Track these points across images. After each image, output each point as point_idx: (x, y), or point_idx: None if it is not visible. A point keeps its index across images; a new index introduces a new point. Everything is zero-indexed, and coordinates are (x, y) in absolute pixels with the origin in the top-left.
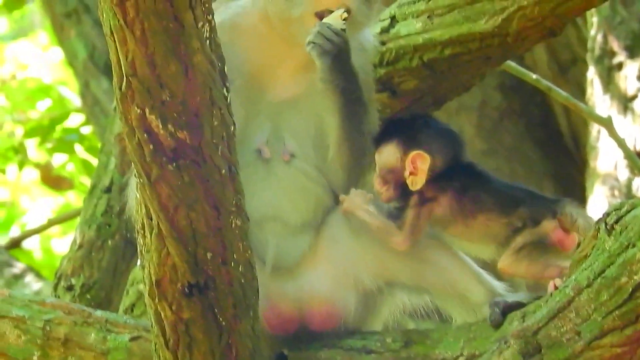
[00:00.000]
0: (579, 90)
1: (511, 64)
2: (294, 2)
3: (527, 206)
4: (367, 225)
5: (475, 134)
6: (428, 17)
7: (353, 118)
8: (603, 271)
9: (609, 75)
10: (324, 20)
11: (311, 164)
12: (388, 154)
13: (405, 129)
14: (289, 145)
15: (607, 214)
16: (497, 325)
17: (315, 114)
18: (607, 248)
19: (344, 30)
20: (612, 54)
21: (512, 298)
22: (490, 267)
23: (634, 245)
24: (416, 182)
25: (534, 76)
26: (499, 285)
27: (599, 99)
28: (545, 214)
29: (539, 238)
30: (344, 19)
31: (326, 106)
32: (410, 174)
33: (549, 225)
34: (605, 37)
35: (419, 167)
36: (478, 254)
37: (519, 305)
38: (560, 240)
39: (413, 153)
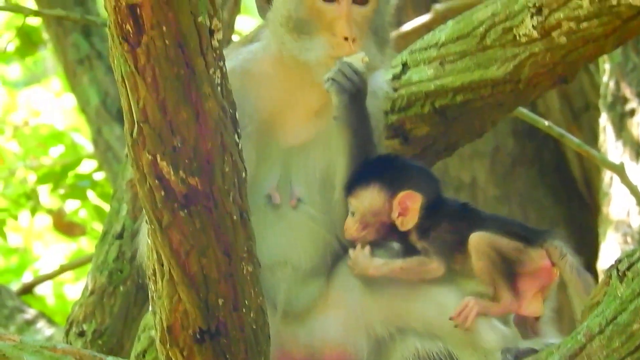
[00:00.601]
0: (592, 136)
1: (524, 110)
2: (310, 47)
3: (517, 234)
4: (396, 273)
5: (488, 180)
6: (440, 63)
7: (361, 159)
8: (615, 318)
9: (621, 122)
10: (345, 59)
11: (318, 209)
12: (372, 198)
13: (384, 170)
14: (296, 190)
15: (619, 261)
16: None
17: (323, 159)
18: (619, 295)
19: (363, 72)
20: (625, 100)
21: (524, 345)
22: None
23: None
24: (407, 223)
25: (547, 123)
26: (510, 332)
27: (611, 146)
28: (534, 242)
29: (522, 258)
30: (363, 61)
31: (336, 146)
32: (399, 215)
33: (538, 252)
34: (617, 84)
35: (409, 207)
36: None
37: (531, 352)
38: (544, 269)
39: (402, 194)
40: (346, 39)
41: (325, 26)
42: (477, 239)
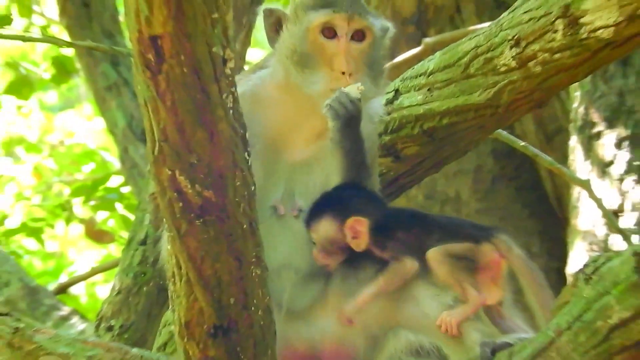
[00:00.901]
0: (563, 156)
1: (502, 132)
2: (312, 80)
3: (467, 231)
4: (382, 290)
5: (470, 195)
6: (428, 90)
7: (353, 177)
8: (581, 316)
9: (589, 143)
10: (343, 89)
11: None
12: (326, 228)
13: (333, 202)
14: (299, 202)
15: (585, 266)
16: None
17: (322, 175)
18: (585, 295)
19: (359, 100)
20: (593, 124)
21: (500, 339)
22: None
23: (608, 293)
24: (360, 244)
25: (523, 144)
26: (488, 328)
27: (580, 164)
28: (484, 238)
29: (475, 255)
30: (359, 90)
31: (332, 166)
32: (353, 238)
33: (486, 247)
34: (586, 110)
35: (359, 230)
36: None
37: (506, 345)
38: (494, 261)
39: (350, 221)
40: (343, 73)
41: (326, 61)
42: (433, 254)
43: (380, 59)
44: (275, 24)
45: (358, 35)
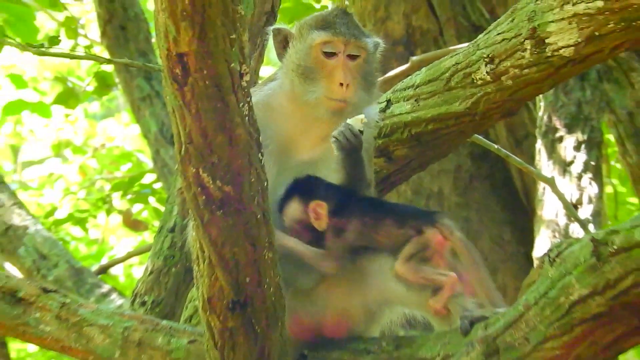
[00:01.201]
0: (530, 157)
1: (479, 137)
2: (313, 90)
3: (414, 218)
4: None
5: (451, 191)
6: (415, 100)
7: (352, 186)
8: (546, 293)
9: (552, 146)
10: (348, 121)
11: None
12: (293, 210)
13: (299, 189)
14: None
15: (550, 250)
16: (465, 333)
17: (326, 172)
18: (550, 276)
19: (361, 132)
20: (555, 130)
21: (477, 313)
22: None
23: (570, 274)
24: (321, 224)
25: (496, 146)
26: (468, 302)
27: (544, 164)
28: (428, 223)
29: (423, 246)
30: (362, 122)
31: (334, 165)
32: (315, 219)
33: (430, 233)
34: (550, 118)
35: (319, 212)
36: None
37: (482, 318)
38: (439, 243)
39: (312, 203)
40: (341, 84)
41: (326, 74)
42: (399, 268)
43: (373, 71)
44: (283, 41)
45: (354, 52)
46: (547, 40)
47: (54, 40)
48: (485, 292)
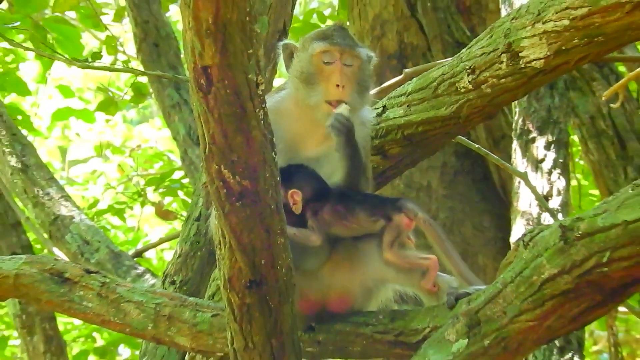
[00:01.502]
0: (507, 155)
1: (462, 137)
2: (311, 94)
3: (381, 206)
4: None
5: (438, 184)
6: (407, 106)
7: (353, 173)
8: (521, 272)
9: (526, 146)
10: (335, 111)
11: None
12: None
13: (285, 177)
14: None
15: (524, 235)
16: (451, 307)
17: (329, 167)
18: (524, 257)
19: (349, 117)
20: (528, 132)
21: (461, 289)
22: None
23: (541, 256)
24: (297, 209)
25: (477, 146)
26: (453, 280)
27: (519, 161)
28: (395, 210)
29: (397, 231)
30: (347, 109)
31: (338, 166)
32: (293, 204)
33: (398, 218)
34: (524, 121)
35: (295, 199)
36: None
37: (466, 294)
38: (407, 225)
39: (290, 191)
40: (337, 85)
41: (324, 78)
42: (387, 255)
43: (366, 78)
44: (290, 55)
45: (349, 61)
46: (520, 54)
47: (96, 55)
48: (453, 263)
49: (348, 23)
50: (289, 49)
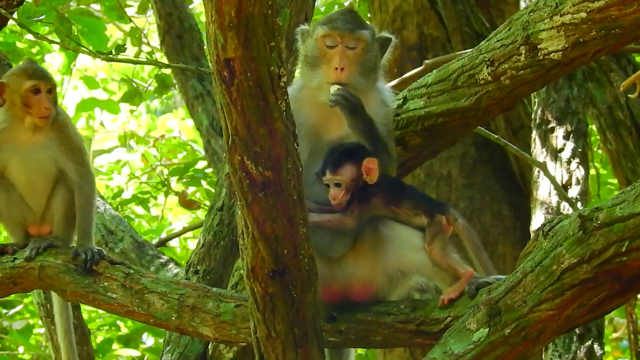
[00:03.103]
0: (526, 146)
1: (481, 128)
2: (315, 76)
3: (426, 204)
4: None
5: (458, 174)
6: (427, 97)
7: (371, 148)
8: (541, 262)
9: (545, 136)
10: (332, 88)
11: None
12: (349, 169)
13: (348, 152)
14: None
15: (544, 225)
16: (472, 296)
17: None
18: (544, 247)
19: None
20: (547, 122)
21: (482, 279)
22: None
23: (560, 245)
24: (373, 178)
25: (496, 136)
26: (475, 272)
27: (538, 151)
28: (438, 211)
29: (438, 230)
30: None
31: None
32: (367, 174)
33: (440, 218)
34: (542, 111)
35: (371, 167)
36: None
37: (486, 284)
38: (446, 227)
39: (365, 161)
40: (336, 68)
41: (326, 61)
42: (428, 251)
43: (373, 59)
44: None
45: (351, 44)
46: (539, 46)
47: (121, 47)
48: (483, 265)
49: (369, 15)
50: (304, 34)
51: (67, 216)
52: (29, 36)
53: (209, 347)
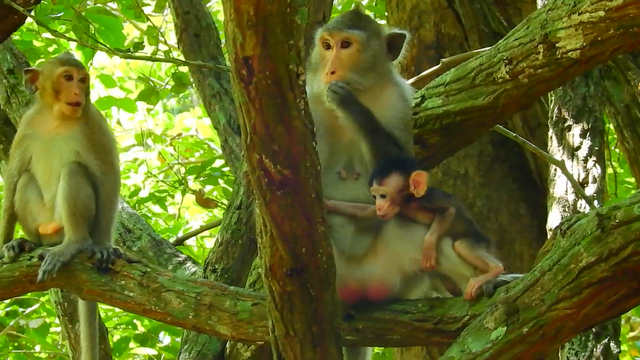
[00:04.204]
0: (543, 144)
1: (499, 126)
2: (315, 80)
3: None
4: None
5: (475, 172)
6: (445, 96)
7: (376, 144)
8: (559, 260)
9: (561, 134)
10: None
11: None
12: (396, 181)
13: (397, 164)
14: (357, 168)
15: (561, 224)
16: (490, 295)
17: None
18: (562, 246)
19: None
20: (564, 120)
21: (500, 278)
22: None
23: (578, 244)
24: (420, 192)
25: (514, 134)
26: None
27: (555, 149)
28: (446, 202)
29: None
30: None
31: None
32: (415, 187)
33: (451, 210)
34: (559, 109)
35: (420, 181)
36: None
37: (504, 283)
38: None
39: (414, 174)
40: (327, 73)
41: (323, 66)
42: (456, 247)
43: (370, 58)
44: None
45: (345, 44)
46: (557, 45)
47: (138, 46)
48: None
49: (386, 14)
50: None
51: (74, 213)
52: (46, 34)
53: (227, 345)
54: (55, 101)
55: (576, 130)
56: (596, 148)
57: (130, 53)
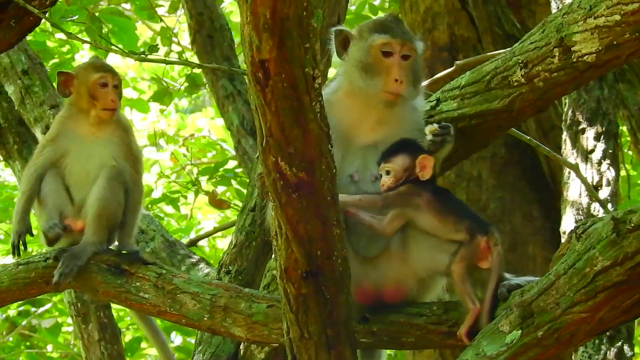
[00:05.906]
0: (556, 147)
1: (513, 129)
2: (372, 83)
3: (470, 221)
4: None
5: (489, 175)
6: (460, 99)
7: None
8: (574, 264)
9: (575, 137)
10: (427, 130)
11: None
12: (403, 160)
13: (407, 144)
14: (374, 172)
15: (577, 227)
16: (504, 299)
17: None
18: (577, 249)
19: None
20: (578, 123)
21: (514, 281)
22: None
23: (594, 248)
24: (425, 175)
25: (528, 137)
26: (505, 274)
27: (569, 152)
28: (481, 231)
29: (472, 253)
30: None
31: None
32: (420, 170)
33: (480, 240)
34: (573, 112)
35: (426, 165)
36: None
37: (519, 286)
38: (484, 250)
39: (420, 157)
40: (396, 80)
41: (383, 70)
42: (453, 268)
43: (420, 69)
44: (343, 41)
45: (406, 55)
46: (572, 48)
47: (154, 48)
48: (489, 296)
49: (399, 15)
50: (343, 35)
51: (102, 215)
52: (60, 35)
53: (241, 347)
54: (91, 106)
55: (590, 133)
56: (610, 151)
57: (143, 55)
